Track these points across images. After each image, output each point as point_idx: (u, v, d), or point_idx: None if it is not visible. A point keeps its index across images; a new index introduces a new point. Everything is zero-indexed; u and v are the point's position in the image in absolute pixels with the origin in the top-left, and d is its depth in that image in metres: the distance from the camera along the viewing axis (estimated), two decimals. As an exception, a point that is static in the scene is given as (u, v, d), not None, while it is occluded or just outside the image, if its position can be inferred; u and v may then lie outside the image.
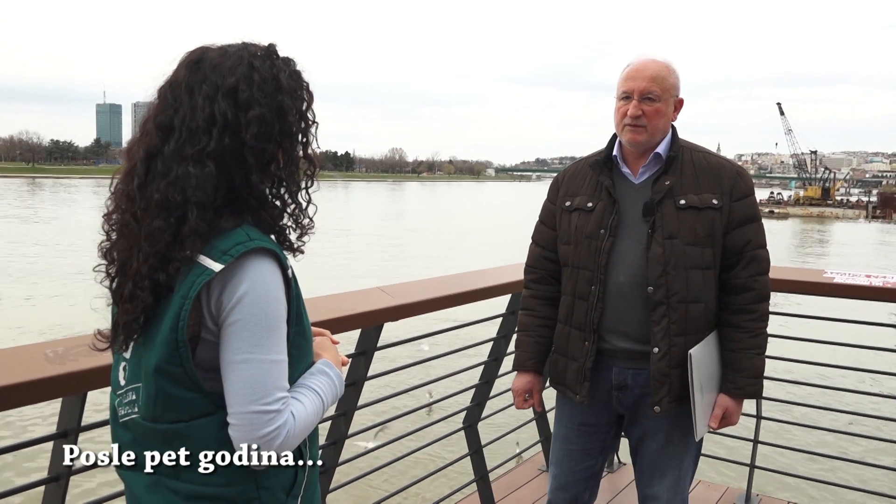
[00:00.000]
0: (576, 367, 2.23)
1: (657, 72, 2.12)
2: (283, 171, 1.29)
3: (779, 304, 3.66)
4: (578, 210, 2.24)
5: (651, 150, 2.17)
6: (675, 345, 2.09)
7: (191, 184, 1.19)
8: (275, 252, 1.23)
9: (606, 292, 2.16)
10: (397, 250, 30.43)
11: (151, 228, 1.20)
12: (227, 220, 1.21)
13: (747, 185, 2.16)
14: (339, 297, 2.59)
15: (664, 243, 2.09)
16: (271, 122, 1.24)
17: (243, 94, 1.22)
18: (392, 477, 3.89)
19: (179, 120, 1.21)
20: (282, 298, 1.23)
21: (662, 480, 2.24)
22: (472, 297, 2.88)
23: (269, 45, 1.30)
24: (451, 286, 2.86)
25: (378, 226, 44.03)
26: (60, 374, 1.63)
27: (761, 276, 2.15)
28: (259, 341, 1.19)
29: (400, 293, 2.60)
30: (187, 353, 1.19)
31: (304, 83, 1.32)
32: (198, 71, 1.23)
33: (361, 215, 53.16)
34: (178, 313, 1.17)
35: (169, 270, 1.19)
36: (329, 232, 34.34)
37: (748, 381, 2.15)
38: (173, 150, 1.21)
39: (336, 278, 18.53)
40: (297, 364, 1.31)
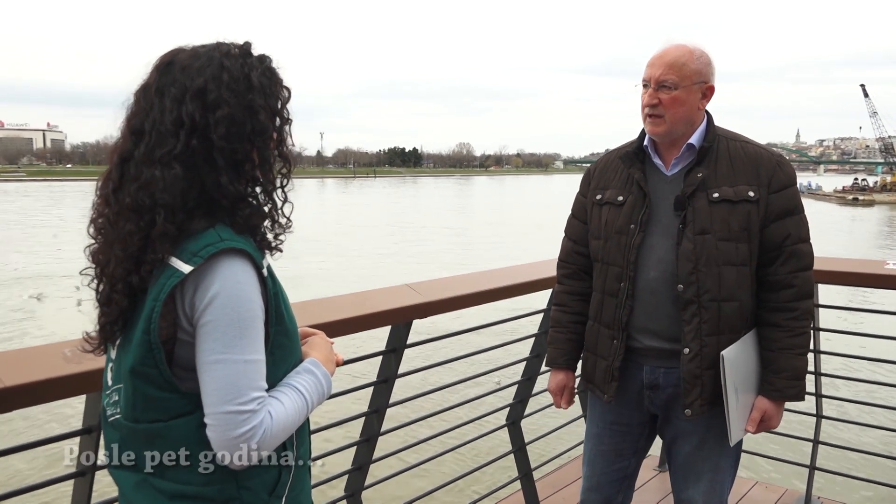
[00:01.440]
0: (604, 365, 2.15)
1: (676, 58, 2.01)
2: (257, 170, 1.27)
3: (837, 298, 3.48)
4: (609, 204, 2.15)
5: (683, 141, 2.07)
6: (707, 345, 1.99)
7: (158, 187, 1.19)
8: (247, 252, 1.22)
9: (636, 289, 2.07)
10: (476, 243, 30.37)
11: (123, 232, 1.21)
12: (199, 221, 1.21)
13: (787, 176, 2.03)
14: (367, 294, 2.59)
15: (695, 239, 1.98)
16: (242, 122, 1.23)
17: (211, 95, 1.21)
18: (431, 473, 3.87)
19: (150, 123, 1.22)
20: (256, 298, 1.22)
21: (697, 484, 2.15)
22: (504, 294, 2.82)
23: (245, 44, 1.29)
24: (482, 283, 2.81)
25: (447, 219, 44.11)
26: (84, 371, 1.67)
27: (802, 273, 2.02)
28: (232, 341, 1.18)
29: (428, 290, 2.57)
30: (161, 355, 1.19)
31: (278, 80, 1.31)
32: (168, 73, 1.23)
33: (432, 210, 53.40)
34: (150, 315, 1.18)
35: (141, 273, 1.20)
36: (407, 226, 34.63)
37: (788, 382, 2.02)
38: (143, 153, 1.21)
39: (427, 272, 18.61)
40: (281, 363, 1.30)
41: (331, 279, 19.05)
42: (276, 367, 1.29)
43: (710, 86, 2.07)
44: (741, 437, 2.10)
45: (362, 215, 46.98)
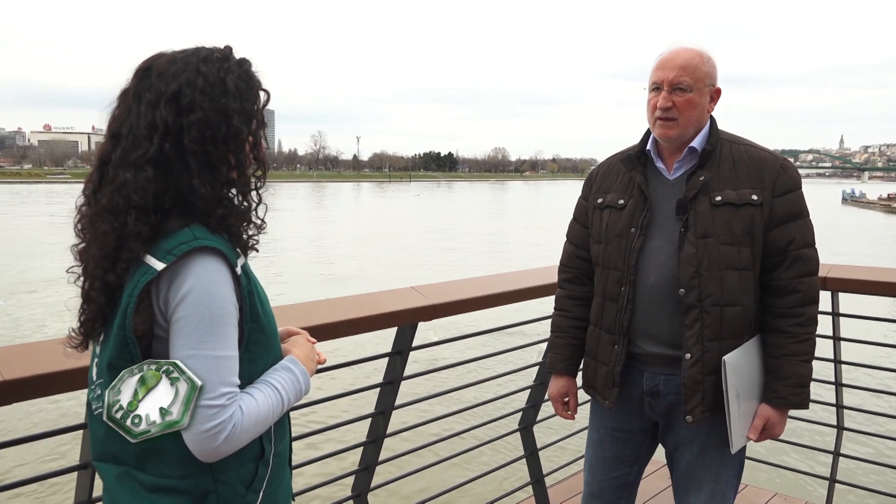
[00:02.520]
0: (605, 371, 2.14)
1: (688, 60, 1.99)
2: (233, 172, 1.30)
3: (858, 307, 3.39)
4: (609, 207, 2.14)
5: (686, 144, 2.04)
6: (709, 350, 1.96)
7: (130, 189, 1.22)
8: (220, 251, 1.24)
9: (636, 294, 2.05)
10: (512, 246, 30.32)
11: (100, 232, 1.24)
12: (175, 221, 1.24)
13: (792, 179, 2.00)
14: (373, 295, 2.60)
15: (697, 243, 1.96)
16: (216, 125, 1.25)
17: (185, 99, 1.24)
18: (440, 476, 3.87)
19: (126, 128, 1.25)
20: (228, 295, 1.24)
21: (699, 493, 2.12)
22: (511, 298, 2.81)
23: (225, 48, 1.32)
24: (488, 286, 2.81)
25: (483, 223, 44.07)
26: (83, 366, 1.71)
27: (807, 278, 1.98)
28: (203, 337, 1.20)
29: (433, 293, 2.58)
30: (136, 349, 1.22)
31: (255, 84, 1.33)
32: (146, 78, 1.27)
33: (468, 214, 53.41)
34: (125, 311, 1.21)
35: (117, 271, 1.23)
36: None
37: (792, 390, 1.98)
38: (119, 156, 1.25)
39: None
40: (258, 360, 1.33)
41: (365, 279, 19.19)
42: (253, 364, 1.32)
43: (718, 88, 2.05)
44: (743, 444, 2.06)
45: (399, 218, 47.12)
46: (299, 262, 23.43)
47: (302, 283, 19.17)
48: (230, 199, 1.32)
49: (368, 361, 2.64)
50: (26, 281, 19.03)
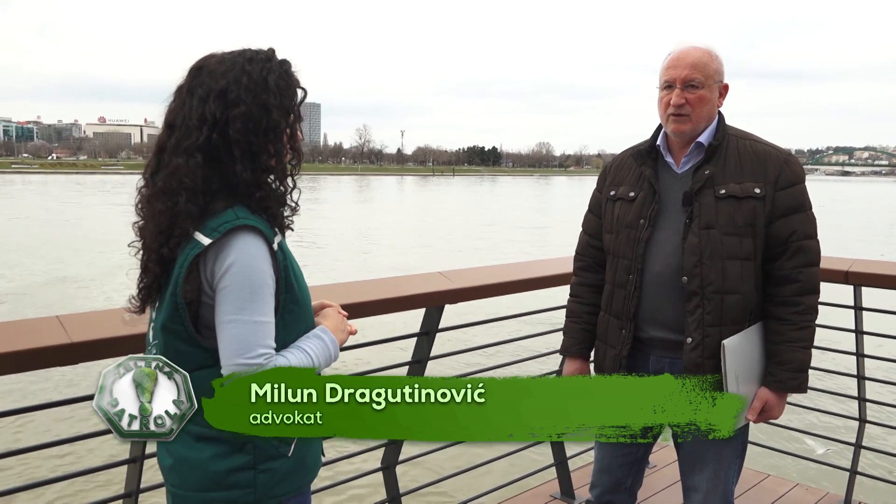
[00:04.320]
0: (613, 354, 2.27)
1: (699, 59, 2.11)
2: (272, 160, 1.48)
3: (884, 302, 3.43)
4: (621, 200, 2.27)
5: (694, 140, 2.16)
6: (709, 335, 2.08)
7: (182, 173, 1.41)
8: (259, 229, 1.42)
9: (643, 282, 2.18)
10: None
11: (156, 211, 1.44)
12: (220, 202, 1.42)
13: (795, 174, 2.10)
14: (402, 279, 2.78)
15: (700, 233, 2.08)
16: (258, 118, 1.43)
17: (231, 95, 1.42)
18: (464, 453, 4.03)
19: (180, 119, 1.44)
20: (266, 268, 1.42)
21: (703, 471, 2.24)
22: (533, 285, 2.96)
23: (269, 50, 1.50)
24: (512, 273, 2.96)
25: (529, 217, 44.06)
26: (138, 333, 1.91)
27: (807, 268, 2.08)
28: (244, 304, 1.39)
29: (459, 278, 2.75)
30: (185, 314, 1.41)
31: (293, 82, 1.51)
32: (198, 76, 1.46)
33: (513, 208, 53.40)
34: (177, 280, 1.40)
35: (170, 245, 1.42)
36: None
37: (790, 374, 2.09)
38: (174, 144, 1.44)
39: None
40: (291, 327, 1.50)
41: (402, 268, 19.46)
42: (287, 331, 1.50)
43: (726, 84, 2.17)
44: (741, 424, 2.17)
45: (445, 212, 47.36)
46: (340, 250, 23.83)
47: (344, 268, 19.58)
48: (269, 183, 1.50)
49: (399, 340, 2.83)
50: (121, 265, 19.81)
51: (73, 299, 14.87)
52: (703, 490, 2.24)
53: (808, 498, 3.66)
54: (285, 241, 1.55)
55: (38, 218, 35.49)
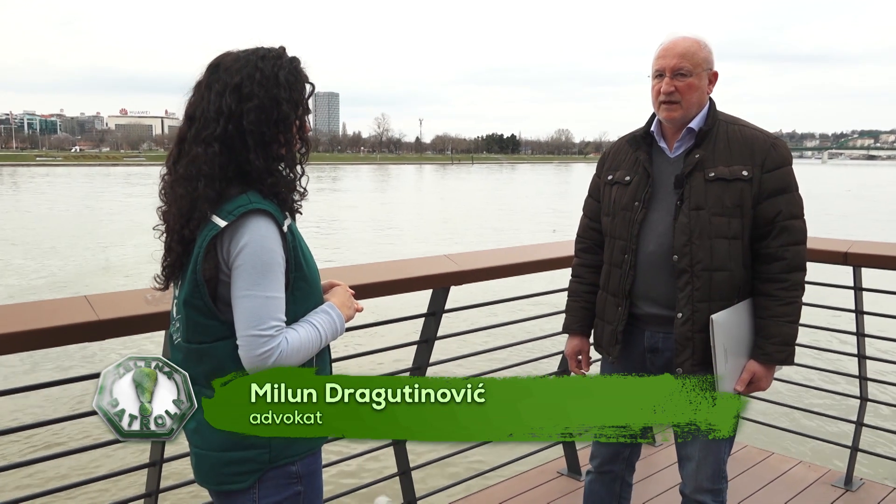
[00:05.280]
0: (610, 329, 2.38)
1: (687, 48, 2.20)
2: (283, 149, 1.61)
3: (885, 282, 3.50)
4: (618, 183, 2.37)
5: (686, 125, 2.26)
6: (699, 310, 2.18)
7: (201, 161, 1.54)
8: (270, 213, 1.55)
9: (638, 261, 2.29)
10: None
11: (177, 195, 1.57)
12: (235, 188, 1.56)
13: (781, 156, 2.19)
14: (409, 261, 2.91)
15: (690, 214, 2.18)
16: (270, 111, 1.56)
17: (245, 89, 1.55)
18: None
19: (199, 111, 1.57)
20: (277, 248, 1.55)
21: (695, 441, 2.34)
22: (535, 268, 3.07)
23: (279, 48, 1.63)
24: (515, 256, 3.07)
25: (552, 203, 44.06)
26: (161, 311, 2.06)
27: (793, 246, 2.17)
28: (257, 281, 1.52)
29: (463, 260, 2.86)
30: (204, 289, 1.54)
31: (302, 78, 1.64)
32: (215, 72, 1.59)
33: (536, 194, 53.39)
34: (196, 258, 1.54)
35: (191, 227, 1.56)
36: (489, 212, 34.81)
37: (777, 347, 2.19)
38: (193, 135, 1.57)
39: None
40: (301, 302, 1.63)
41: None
42: (297, 305, 1.63)
43: (715, 72, 2.27)
44: (727, 390, 2.27)
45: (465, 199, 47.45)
46: (360, 239, 24.06)
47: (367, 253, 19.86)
48: (279, 171, 1.63)
49: (409, 320, 2.96)
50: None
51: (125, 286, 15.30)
52: (696, 459, 2.35)
53: (811, 475, 3.75)
54: (295, 223, 1.67)
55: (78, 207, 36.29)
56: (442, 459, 3.29)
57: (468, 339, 3.29)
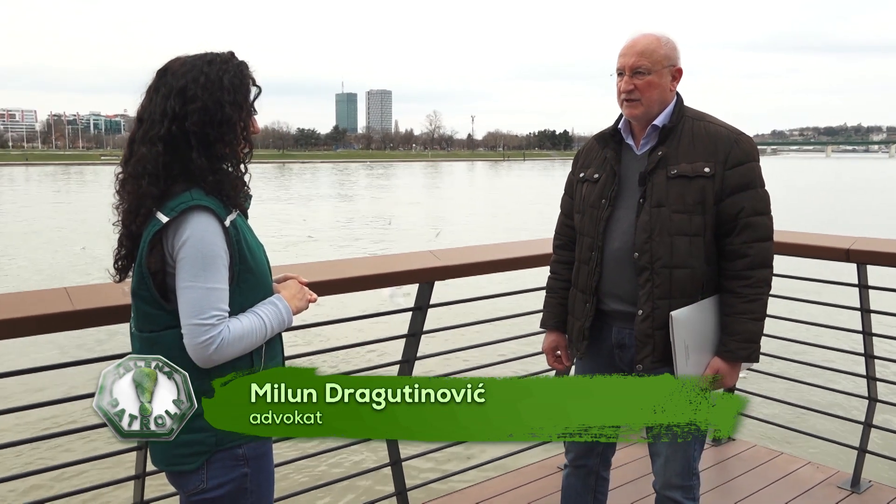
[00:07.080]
0: (578, 325, 2.40)
1: (646, 46, 2.20)
2: (226, 148, 1.70)
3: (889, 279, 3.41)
4: (587, 181, 2.39)
5: (652, 122, 2.26)
6: (659, 308, 2.19)
7: (146, 160, 1.64)
8: (211, 208, 1.64)
9: (604, 258, 2.30)
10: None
11: (126, 192, 1.68)
12: (179, 185, 1.65)
13: (745, 153, 2.17)
14: (395, 256, 2.98)
15: (651, 211, 2.19)
16: (213, 112, 1.65)
17: (189, 92, 1.65)
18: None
19: (147, 113, 1.68)
20: (218, 242, 1.64)
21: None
22: (519, 264, 3.10)
23: (228, 53, 1.73)
24: (498, 252, 3.11)
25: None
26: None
27: (757, 243, 2.16)
28: (198, 273, 1.61)
29: (447, 256, 2.92)
30: (150, 281, 1.64)
31: (247, 81, 1.72)
32: (163, 77, 1.69)
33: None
34: (141, 252, 1.64)
35: (137, 223, 1.66)
36: (536, 209, 34.72)
37: (740, 344, 2.18)
38: (140, 135, 1.68)
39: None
40: (248, 293, 1.72)
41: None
42: (243, 297, 1.71)
43: (679, 68, 2.26)
44: None
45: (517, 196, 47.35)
46: (416, 234, 24.30)
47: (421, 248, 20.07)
48: (223, 169, 1.72)
49: (396, 314, 3.03)
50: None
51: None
52: (664, 454, 2.35)
53: (818, 476, 3.68)
54: (242, 218, 1.75)
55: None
56: (433, 452, 3.34)
57: (455, 332, 3.34)
